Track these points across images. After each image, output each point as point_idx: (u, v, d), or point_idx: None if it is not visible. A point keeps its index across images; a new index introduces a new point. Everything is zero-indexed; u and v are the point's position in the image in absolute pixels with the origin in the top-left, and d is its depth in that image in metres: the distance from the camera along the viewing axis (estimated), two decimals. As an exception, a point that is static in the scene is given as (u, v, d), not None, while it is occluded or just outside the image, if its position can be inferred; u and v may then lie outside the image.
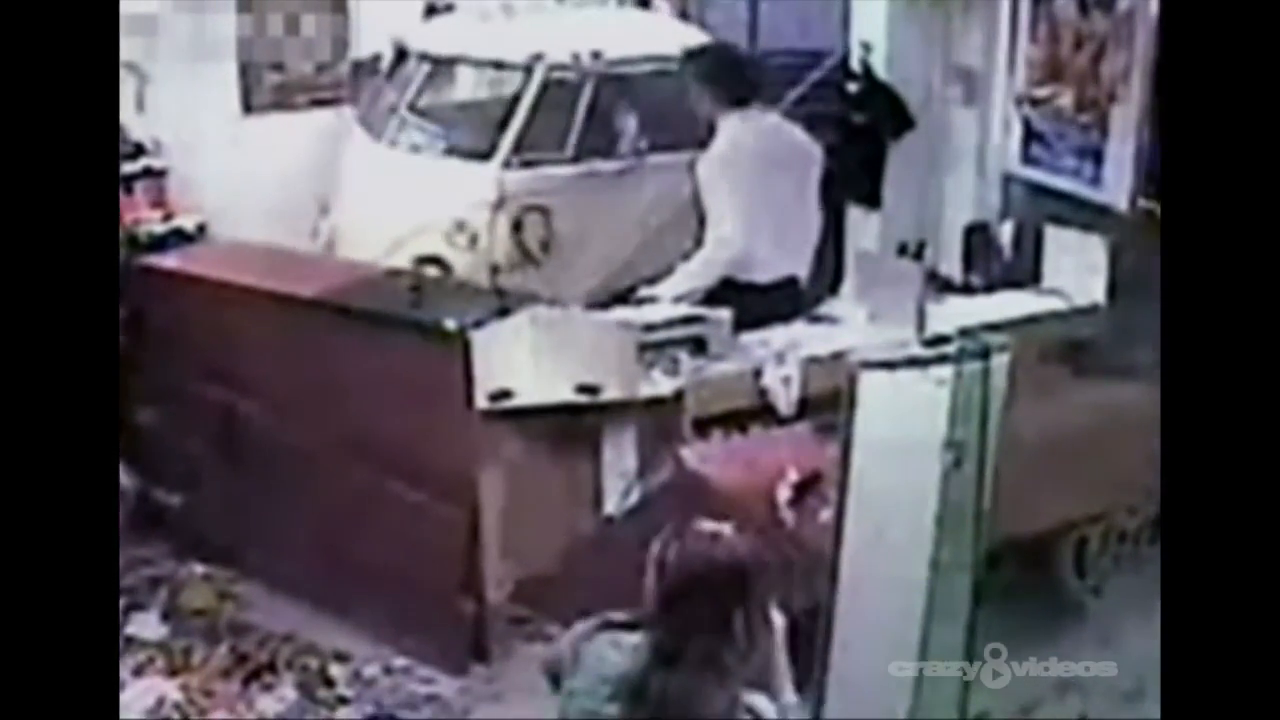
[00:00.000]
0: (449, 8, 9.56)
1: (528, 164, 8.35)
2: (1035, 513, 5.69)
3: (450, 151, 8.64)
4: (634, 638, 3.54)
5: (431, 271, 7.87)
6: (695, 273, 6.71)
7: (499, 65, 8.79)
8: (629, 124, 8.53)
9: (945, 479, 4.72)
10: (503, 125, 8.39)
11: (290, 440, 6.36)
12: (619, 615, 3.63)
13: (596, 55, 8.46)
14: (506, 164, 8.30)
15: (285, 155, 9.08)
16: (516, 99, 8.43)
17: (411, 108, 8.80)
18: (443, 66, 8.93)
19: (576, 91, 8.47)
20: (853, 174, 8.96)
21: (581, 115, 8.45)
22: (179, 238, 8.05)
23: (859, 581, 4.79)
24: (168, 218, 8.35)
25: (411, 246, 8.03)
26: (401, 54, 9.01)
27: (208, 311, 6.57)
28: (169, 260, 7.02)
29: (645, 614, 3.55)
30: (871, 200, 9.26)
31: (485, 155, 8.36)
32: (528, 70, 8.43)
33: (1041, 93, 8.23)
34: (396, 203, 8.39)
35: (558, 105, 8.45)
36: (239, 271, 6.72)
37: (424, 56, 8.87)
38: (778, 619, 3.78)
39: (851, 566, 4.78)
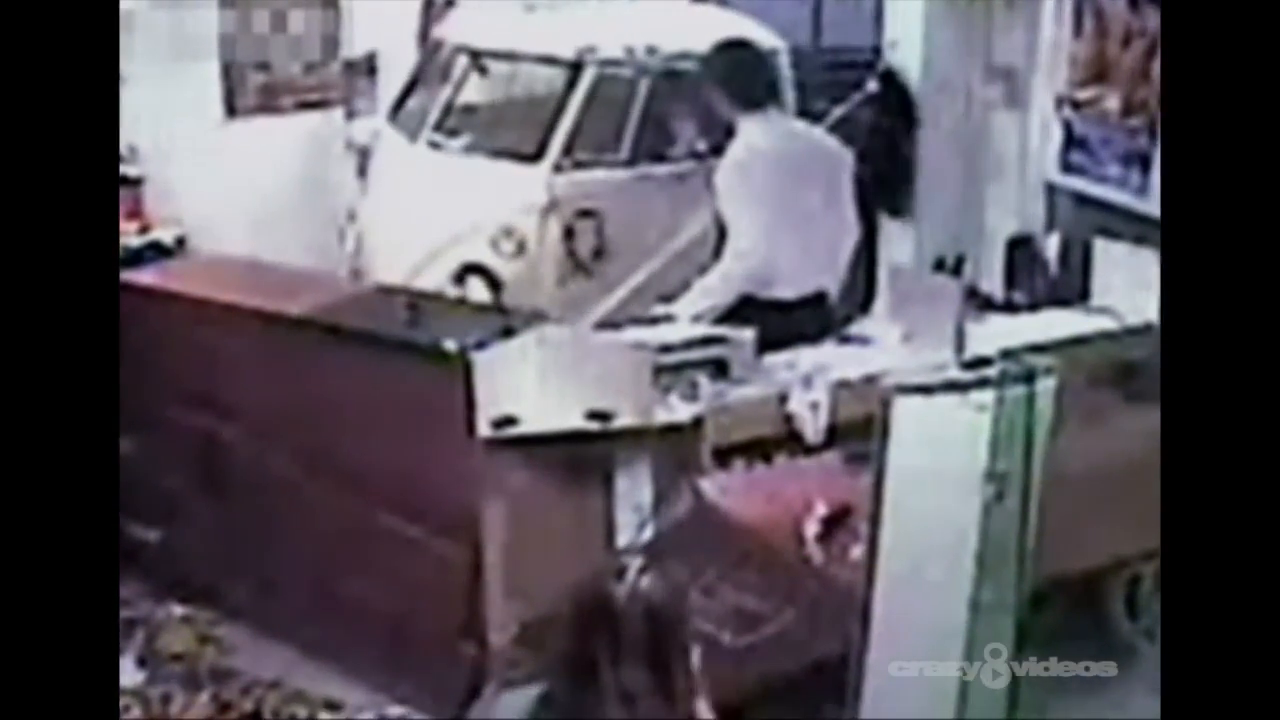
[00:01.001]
0: (449, 4, 9.60)
1: (580, 166, 8.38)
2: (1084, 549, 5.69)
3: (496, 152, 8.65)
4: (534, 689, 3.66)
5: (475, 281, 7.92)
6: (712, 289, 6.74)
7: (548, 60, 8.81)
8: (686, 124, 8.57)
9: (986, 513, 4.73)
10: (552, 125, 8.41)
11: (277, 470, 6.38)
12: (517, 673, 3.75)
13: (651, 50, 8.49)
14: (557, 166, 8.33)
15: (271, 162, 9.12)
16: (567, 97, 8.45)
17: (450, 106, 8.82)
18: (485, 61, 8.93)
19: (631, 89, 8.50)
20: (878, 180, 9.00)
21: (636, 114, 8.49)
22: (156, 252, 8.06)
23: (893, 624, 4.80)
24: (144, 230, 8.37)
25: (453, 254, 8.08)
26: (436, 47, 9.05)
27: (188, 331, 6.60)
28: (146, 276, 7.03)
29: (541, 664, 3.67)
30: (906, 209, 9.28)
31: (534, 157, 8.39)
32: (578, 66, 8.46)
33: (1085, 94, 8.25)
34: (436, 207, 8.43)
35: (611, 103, 8.49)
36: (221, 288, 6.74)
37: (464, 50, 8.89)
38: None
39: (885, 608, 4.80)
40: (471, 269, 8.14)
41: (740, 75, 7.02)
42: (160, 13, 8.59)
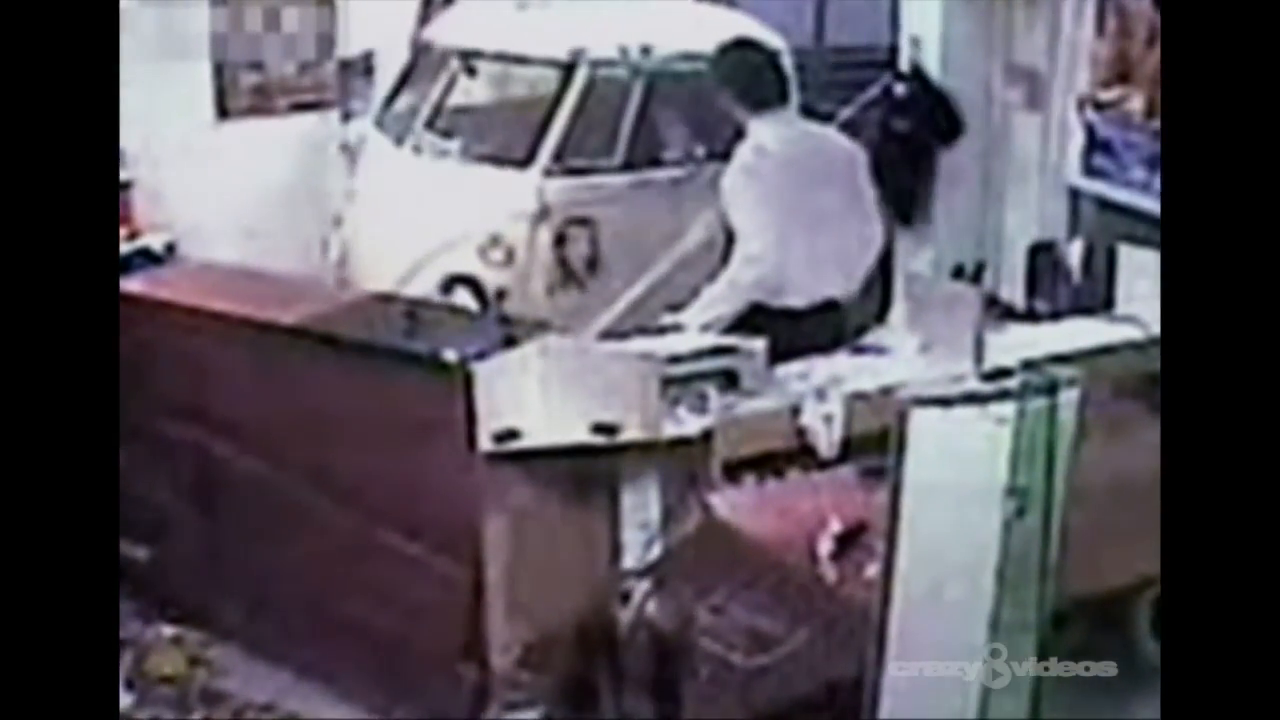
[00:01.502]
0: (449, 1, 9.63)
1: (571, 172, 8.39)
2: (1108, 567, 5.71)
3: (485, 157, 8.67)
4: (536, 712, 3.70)
5: (462, 292, 7.92)
6: (721, 297, 6.75)
7: (538, 61, 8.83)
8: (683, 127, 8.58)
9: (1007, 529, 4.74)
10: (543, 128, 8.42)
11: (270, 485, 6.38)
12: (519, 694, 3.77)
13: (646, 50, 8.50)
14: (548, 172, 8.34)
15: (264, 166, 9.14)
16: (558, 99, 8.46)
17: (439, 109, 8.83)
18: (474, 62, 8.95)
19: (625, 91, 8.51)
20: (900, 189, 9.01)
21: (631, 117, 8.51)
22: (145, 258, 8.09)
23: (910, 645, 4.81)
24: (133, 236, 8.39)
25: (440, 264, 8.08)
26: (425, 48, 9.07)
27: (177, 341, 6.61)
28: (134, 284, 7.04)
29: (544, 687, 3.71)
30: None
31: (524, 162, 8.40)
32: (570, 67, 8.47)
33: (1108, 95, 8.26)
34: (422, 215, 8.45)
35: (604, 106, 8.50)
36: (212, 296, 6.76)
37: (452, 51, 8.91)
38: None
39: (901, 628, 4.81)
40: (459, 279, 8.14)
41: (749, 75, 7.04)
42: (149, 10, 8.61)
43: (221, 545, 6.51)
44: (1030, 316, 8.26)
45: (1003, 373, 4.93)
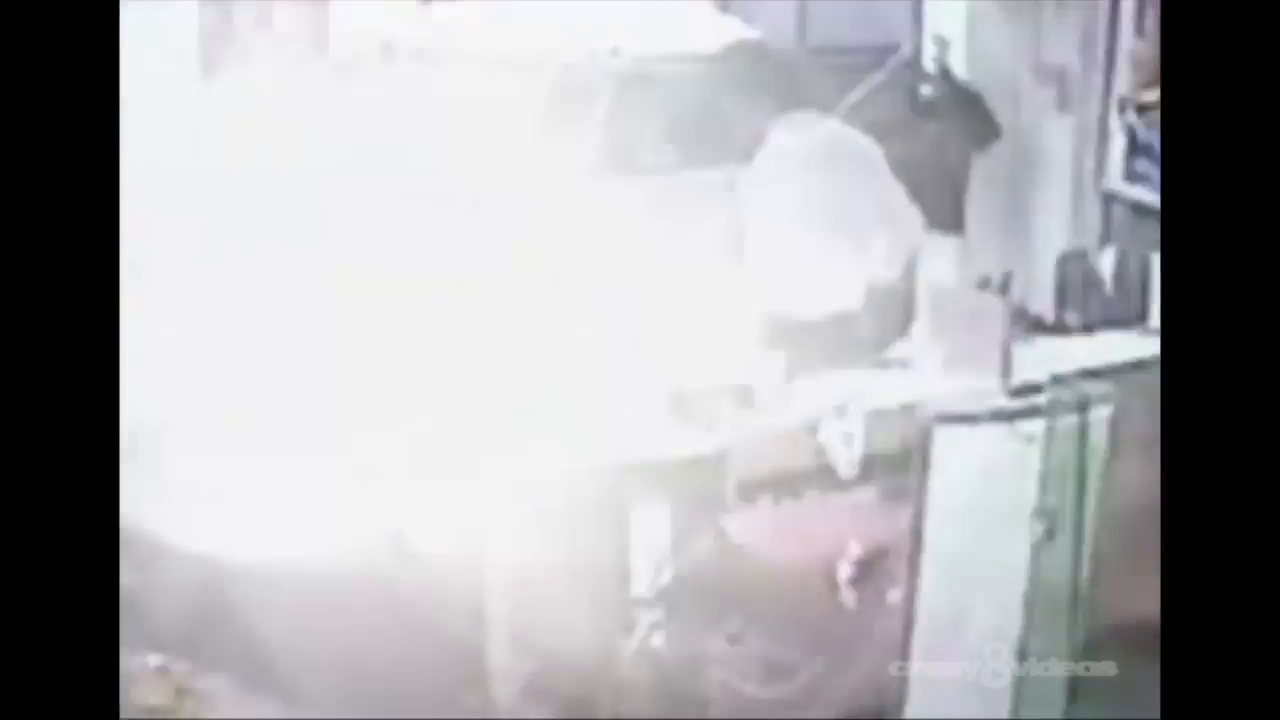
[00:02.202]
0: (447, -1, 9.64)
1: None
2: (1141, 593, 5.70)
3: None
4: None
5: None
6: (738, 301, 6.77)
7: (503, 64, 8.85)
8: (655, 134, 8.57)
9: (1036, 553, 4.76)
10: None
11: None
12: None
13: (616, 52, 8.52)
14: None
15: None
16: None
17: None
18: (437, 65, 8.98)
19: (593, 95, 8.52)
20: (927, 195, 9.00)
21: (599, 124, 8.50)
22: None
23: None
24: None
25: None
26: (390, 50, 9.09)
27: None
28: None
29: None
30: (954, 224, 9.26)
31: None
32: (536, 70, 8.49)
33: (1148, 97, 8.26)
34: None
35: (571, 111, 8.50)
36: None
37: (416, 53, 8.94)
38: None
39: (925, 656, 4.83)
40: None
41: (767, 75, 7.06)
42: (135, 6, 8.61)
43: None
44: (1060, 329, 8.24)
45: (1031, 388, 4.95)
